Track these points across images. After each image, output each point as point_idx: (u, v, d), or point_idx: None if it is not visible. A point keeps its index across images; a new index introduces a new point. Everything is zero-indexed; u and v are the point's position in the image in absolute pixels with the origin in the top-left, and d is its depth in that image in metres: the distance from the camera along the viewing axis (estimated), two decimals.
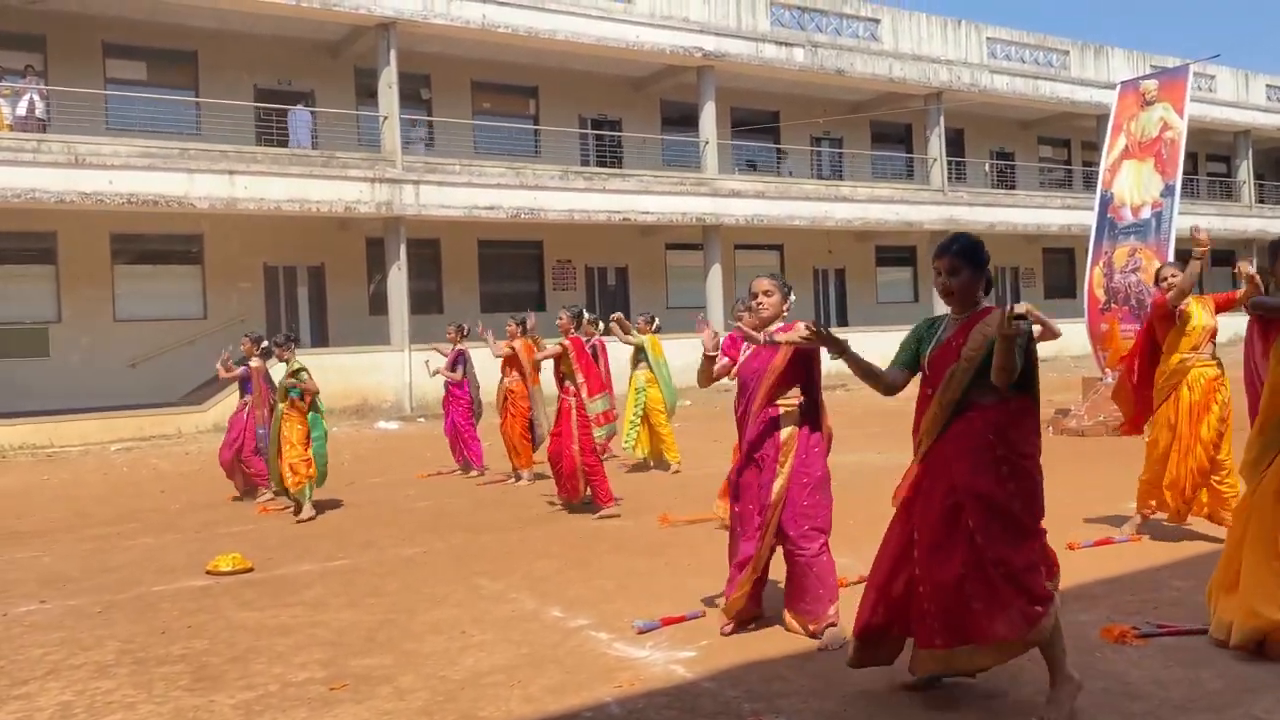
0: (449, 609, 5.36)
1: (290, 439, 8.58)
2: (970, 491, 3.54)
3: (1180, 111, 14.48)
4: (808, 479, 4.59)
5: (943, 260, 3.74)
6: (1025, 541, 3.54)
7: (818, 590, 4.57)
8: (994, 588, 3.46)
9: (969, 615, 3.48)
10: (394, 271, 19.30)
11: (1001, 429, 3.58)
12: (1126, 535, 6.39)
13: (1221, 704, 3.59)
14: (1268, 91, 34.98)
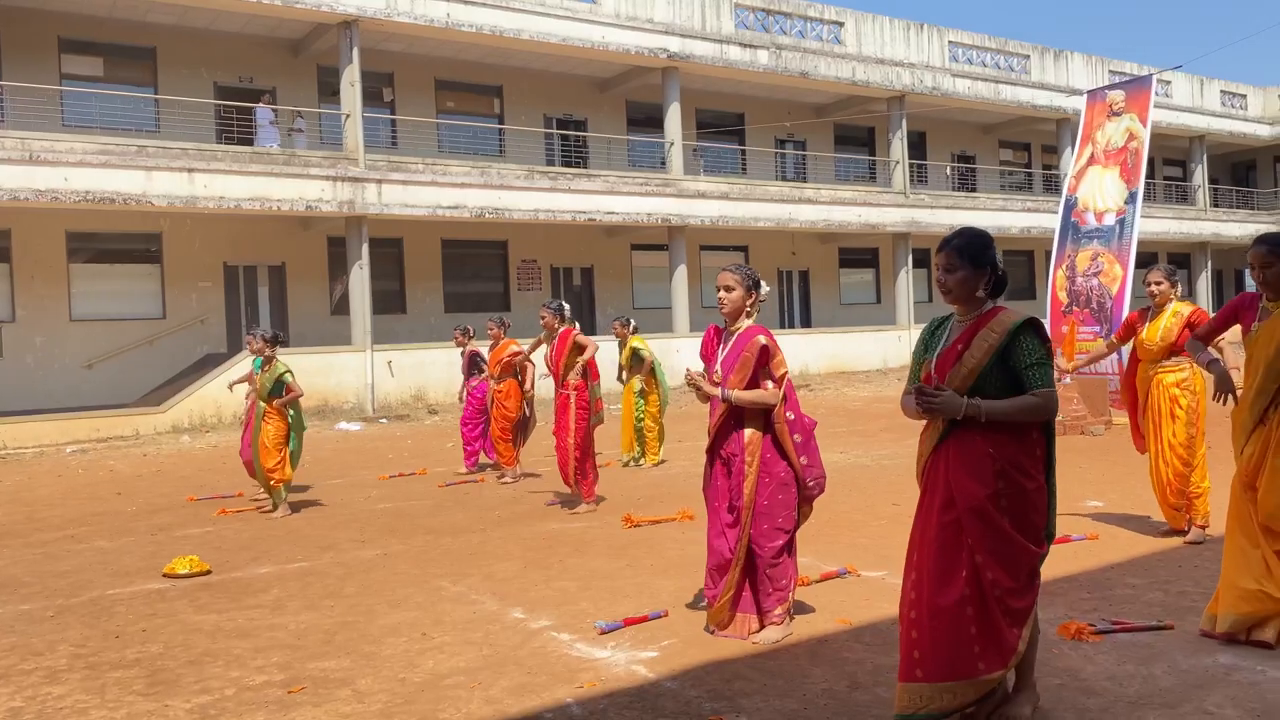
0: (409, 611, 5.32)
1: (266, 441, 8.54)
2: (968, 512, 3.36)
3: (1145, 121, 14.81)
4: (770, 478, 4.60)
5: (941, 255, 3.52)
6: (1022, 561, 3.35)
7: (768, 589, 4.57)
8: (991, 618, 3.30)
9: (961, 648, 3.28)
10: (356, 271, 19.14)
11: (1001, 444, 3.38)
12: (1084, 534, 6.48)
13: (1174, 699, 3.64)
14: (1222, 97, 35.63)
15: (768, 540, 4.56)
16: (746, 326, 4.74)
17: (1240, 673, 3.87)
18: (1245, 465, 4.22)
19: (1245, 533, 4.16)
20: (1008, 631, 3.30)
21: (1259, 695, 3.63)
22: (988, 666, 3.26)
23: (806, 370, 24.25)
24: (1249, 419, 4.23)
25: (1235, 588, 4.09)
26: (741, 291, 4.70)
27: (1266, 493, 4.12)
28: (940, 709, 3.27)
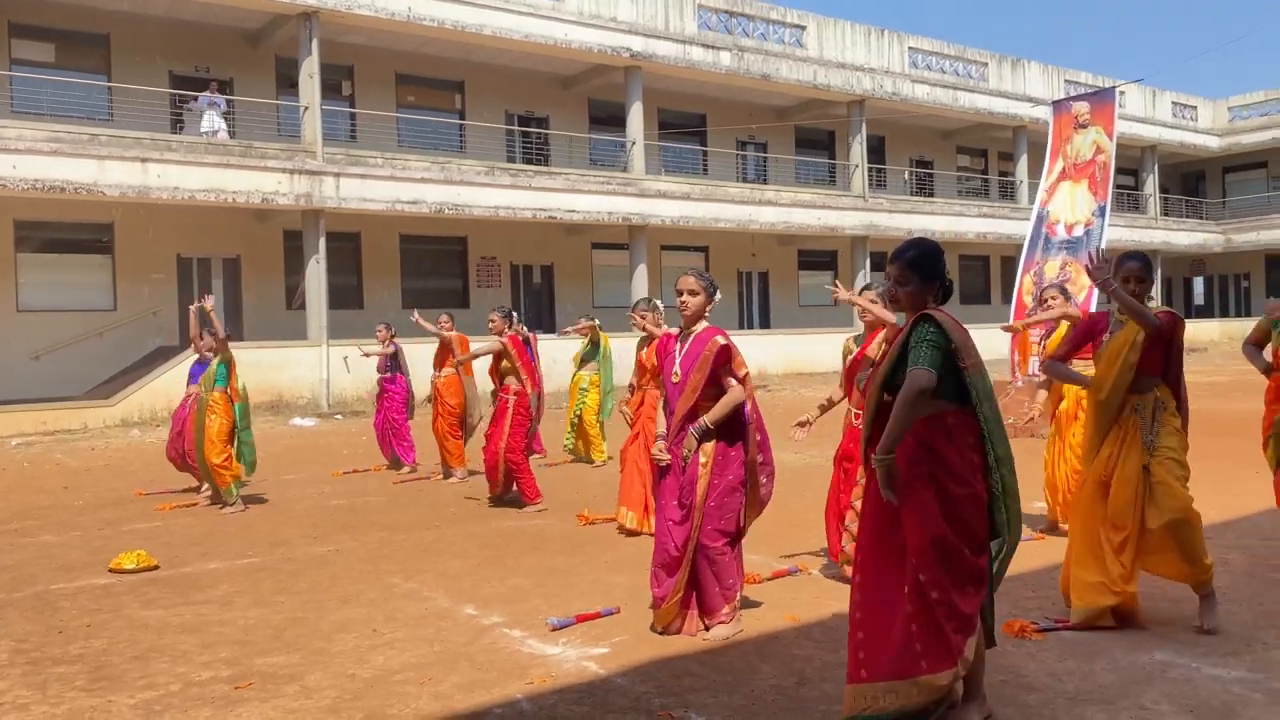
0: (360, 607, 5.29)
1: (212, 434, 8.44)
2: (908, 517, 3.39)
3: (1110, 134, 15.20)
4: (720, 481, 4.63)
5: (893, 268, 3.57)
6: (960, 566, 3.36)
7: (714, 588, 4.61)
8: (933, 621, 3.32)
9: (904, 648, 3.31)
10: (312, 265, 18.95)
11: (932, 444, 3.42)
12: (1029, 534, 6.60)
13: (1112, 695, 3.72)
14: (1174, 109, 36.35)
15: (712, 541, 4.60)
16: (704, 327, 4.82)
17: (1176, 669, 3.96)
18: (1102, 463, 4.53)
19: (1089, 529, 4.52)
20: (951, 635, 3.33)
21: (1193, 691, 3.72)
22: (930, 666, 3.29)
23: (765, 371, 24.37)
24: (1104, 420, 4.53)
25: (1081, 582, 4.48)
26: (704, 297, 4.82)
27: (1117, 487, 4.44)
28: (885, 709, 3.30)
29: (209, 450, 8.46)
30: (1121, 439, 4.47)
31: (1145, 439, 4.42)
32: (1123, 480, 4.41)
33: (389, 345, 11.02)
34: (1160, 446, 4.40)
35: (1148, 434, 4.42)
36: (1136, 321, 4.42)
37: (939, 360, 3.40)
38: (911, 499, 3.40)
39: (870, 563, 3.49)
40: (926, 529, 3.36)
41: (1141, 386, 4.46)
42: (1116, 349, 4.50)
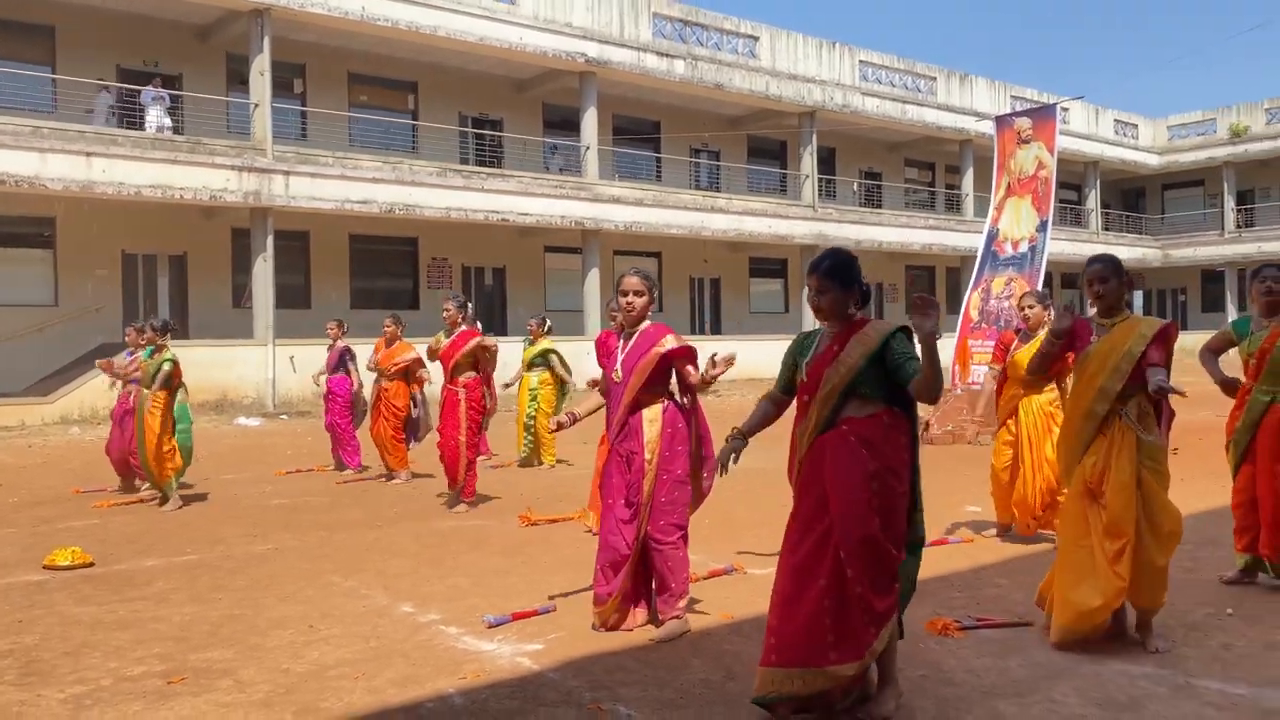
0: (297, 604, 5.30)
1: (154, 429, 8.38)
2: (840, 511, 3.52)
3: (1052, 150, 15.60)
4: (668, 475, 4.68)
5: (813, 278, 3.75)
6: (884, 564, 3.51)
7: (668, 583, 4.67)
8: (848, 616, 3.45)
9: (815, 639, 3.44)
10: (260, 263, 18.79)
11: (872, 442, 3.57)
12: (960, 538, 6.79)
13: (1024, 689, 3.87)
14: (1116, 126, 37.27)
15: (666, 535, 4.65)
16: (648, 325, 4.84)
17: (1087, 665, 4.13)
18: (1089, 474, 4.40)
19: (1081, 539, 4.35)
20: (864, 630, 3.46)
21: (1100, 686, 3.89)
22: (839, 658, 3.43)
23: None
24: (1086, 429, 4.43)
25: (1069, 603, 4.27)
26: (648, 298, 4.84)
27: (1113, 493, 4.29)
28: (790, 692, 3.46)
29: (149, 447, 8.40)
30: (1109, 446, 4.37)
31: (1143, 439, 4.34)
32: (1119, 486, 4.30)
33: (338, 343, 10.97)
34: (1145, 457, 4.35)
35: (1145, 436, 4.35)
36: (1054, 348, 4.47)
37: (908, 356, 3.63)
38: (849, 495, 3.53)
39: (794, 550, 3.63)
40: (860, 526, 3.49)
41: (1126, 393, 4.40)
42: (1104, 356, 4.43)
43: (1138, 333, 4.37)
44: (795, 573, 3.59)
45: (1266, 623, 4.67)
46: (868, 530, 3.49)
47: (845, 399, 3.66)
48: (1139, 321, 4.46)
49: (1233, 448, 5.40)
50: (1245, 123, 36.72)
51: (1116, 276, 4.47)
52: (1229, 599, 5.10)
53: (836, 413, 3.68)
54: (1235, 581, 5.36)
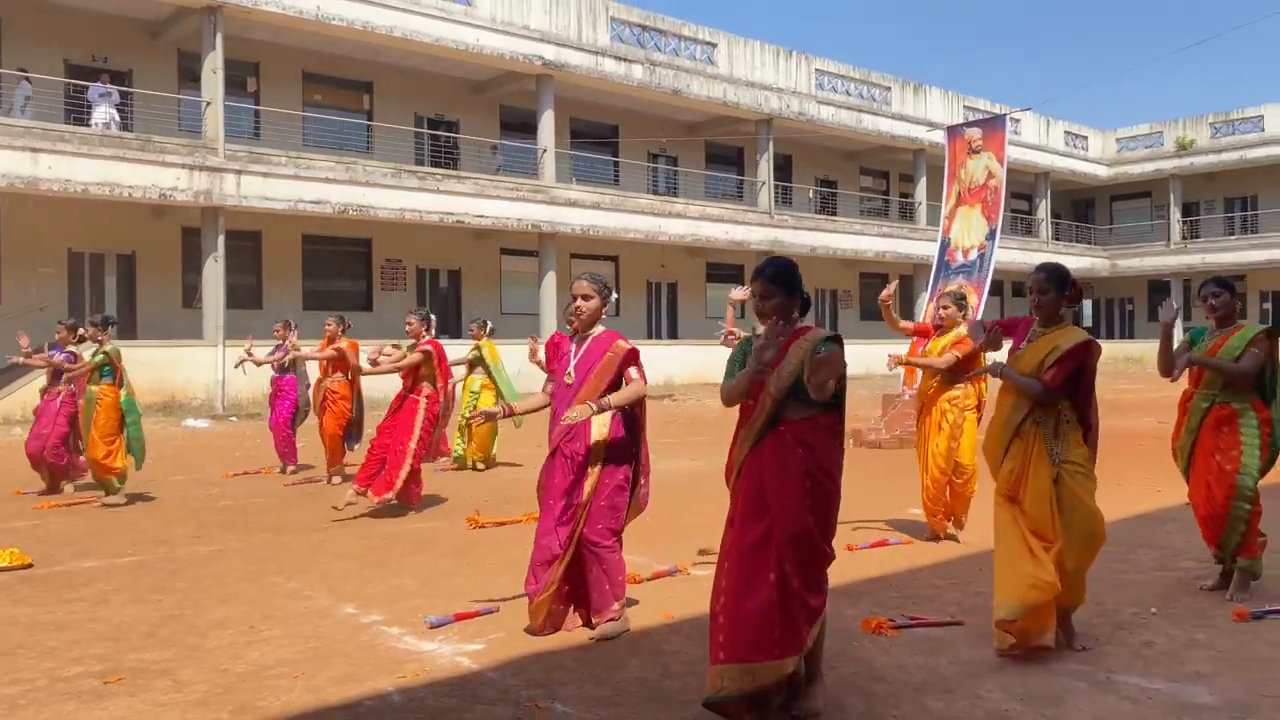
0: (239, 605, 5.29)
1: (98, 428, 8.28)
2: (781, 510, 3.62)
3: (1001, 160, 15.95)
4: (610, 480, 4.72)
5: (756, 284, 3.84)
6: (818, 561, 3.66)
7: (604, 586, 4.72)
8: (790, 613, 3.56)
9: (763, 635, 3.52)
10: (210, 263, 18.58)
11: (809, 444, 3.70)
12: (900, 539, 6.93)
13: (952, 685, 3.98)
14: (1066, 138, 37.98)
15: (602, 539, 4.69)
16: (601, 331, 4.87)
17: (1013, 662, 4.25)
18: (1006, 479, 4.51)
19: (1012, 537, 4.45)
20: (803, 626, 3.59)
21: (1024, 682, 4.01)
22: (782, 653, 3.54)
23: (671, 381, 24.69)
24: (1005, 435, 4.54)
25: (1009, 583, 4.32)
26: (598, 301, 4.84)
27: (1032, 504, 4.40)
28: (740, 689, 3.53)
29: (93, 445, 8.31)
30: (1025, 453, 4.47)
31: (1050, 451, 4.43)
32: (1036, 494, 4.41)
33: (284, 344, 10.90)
34: (1067, 460, 4.42)
35: (1052, 446, 4.44)
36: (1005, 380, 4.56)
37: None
38: (786, 493, 3.65)
39: (736, 549, 3.71)
40: (796, 523, 3.61)
41: (1045, 402, 4.47)
42: (1029, 361, 4.53)
43: (1055, 345, 4.48)
44: (741, 570, 3.67)
45: (1188, 622, 4.83)
46: (804, 527, 3.61)
47: (786, 402, 3.76)
48: (1061, 335, 4.53)
49: (1179, 454, 5.59)
50: (1191, 136, 37.59)
51: (1056, 288, 4.55)
52: (1154, 599, 5.26)
53: (777, 416, 3.77)
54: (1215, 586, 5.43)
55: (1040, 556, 4.32)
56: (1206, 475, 5.34)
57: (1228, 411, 5.29)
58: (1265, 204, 37.70)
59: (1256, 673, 4.07)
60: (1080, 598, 4.49)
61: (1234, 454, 5.23)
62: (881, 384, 22.58)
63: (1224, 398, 5.32)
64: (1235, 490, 5.21)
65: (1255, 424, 5.23)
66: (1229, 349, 5.30)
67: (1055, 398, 4.44)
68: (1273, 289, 37.06)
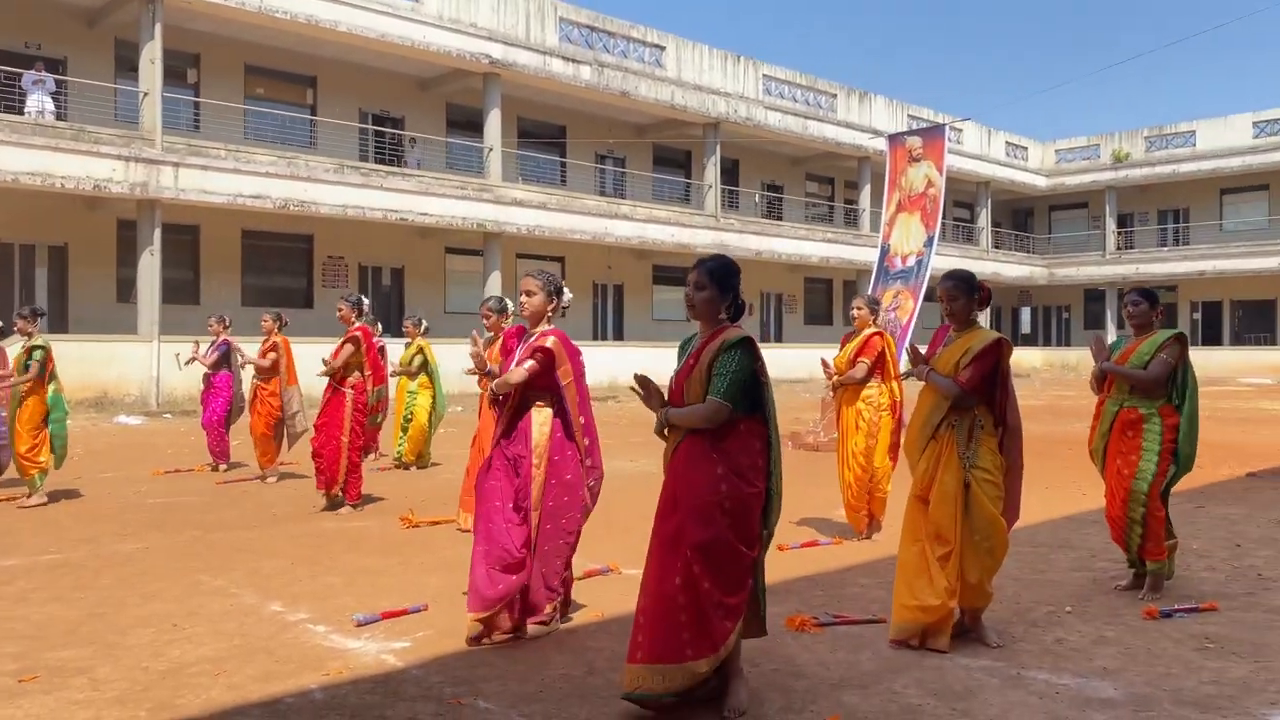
0: (163, 604, 5.22)
1: (21, 424, 8.10)
2: (689, 512, 3.66)
3: (940, 169, 16.26)
4: (557, 481, 4.69)
5: (693, 273, 3.86)
6: (734, 565, 3.64)
7: (540, 587, 4.68)
8: (702, 611, 3.58)
9: (672, 635, 3.58)
10: (146, 257, 18.23)
11: (724, 449, 3.68)
12: (830, 539, 7.04)
13: (870, 681, 4.07)
14: (1007, 148, 38.75)
15: (551, 541, 4.67)
16: (544, 330, 4.86)
17: (930, 659, 4.35)
18: (920, 479, 4.66)
19: (914, 542, 4.61)
20: (718, 624, 3.61)
21: (941, 678, 4.11)
22: (695, 654, 3.57)
23: (616, 382, 24.70)
24: (923, 437, 4.68)
25: (899, 602, 4.52)
26: (543, 297, 4.82)
27: (937, 503, 4.55)
28: (652, 689, 3.58)
29: (16, 440, 8.14)
30: (938, 455, 4.59)
31: (961, 454, 4.54)
32: (942, 496, 4.53)
33: (218, 341, 10.74)
34: (977, 465, 4.53)
35: (964, 450, 4.55)
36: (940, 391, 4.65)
37: (738, 393, 3.72)
38: (695, 497, 3.68)
39: (652, 548, 3.77)
40: (702, 529, 3.64)
41: (962, 404, 4.58)
42: (945, 365, 4.65)
43: (966, 348, 4.61)
44: (655, 571, 3.74)
45: (1100, 620, 4.98)
46: (711, 533, 3.63)
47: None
48: (973, 337, 4.67)
49: (1095, 456, 5.77)
50: (1127, 149, 38.58)
51: (965, 294, 4.71)
52: (1070, 598, 5.42)
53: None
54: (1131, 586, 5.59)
55: (935, 573, 4.46)
56: (1112, 479, 5.53)
57: (1134, 416, 5.47)
58: (1196, 217, 38.81)
59: (1160, 668, 4.22)
60: (984, 601, 4.60)
61: (1133, 459, 5.42)
62: (822, 387, 22.81)
63: (1131, 402, 5.50)
64: (1130, 494, 5.39)
65: (1158, 430, 5.40)
66: (1140, 354, 5.48)
67: (971, 399, 4.57)
68: (1202, 299, 38.15)
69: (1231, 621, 4.91)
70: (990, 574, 4.57)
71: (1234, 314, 37.81)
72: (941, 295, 4.76)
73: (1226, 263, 35.77)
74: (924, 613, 4.42)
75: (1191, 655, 4.39)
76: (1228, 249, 36.24)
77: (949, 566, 4.47)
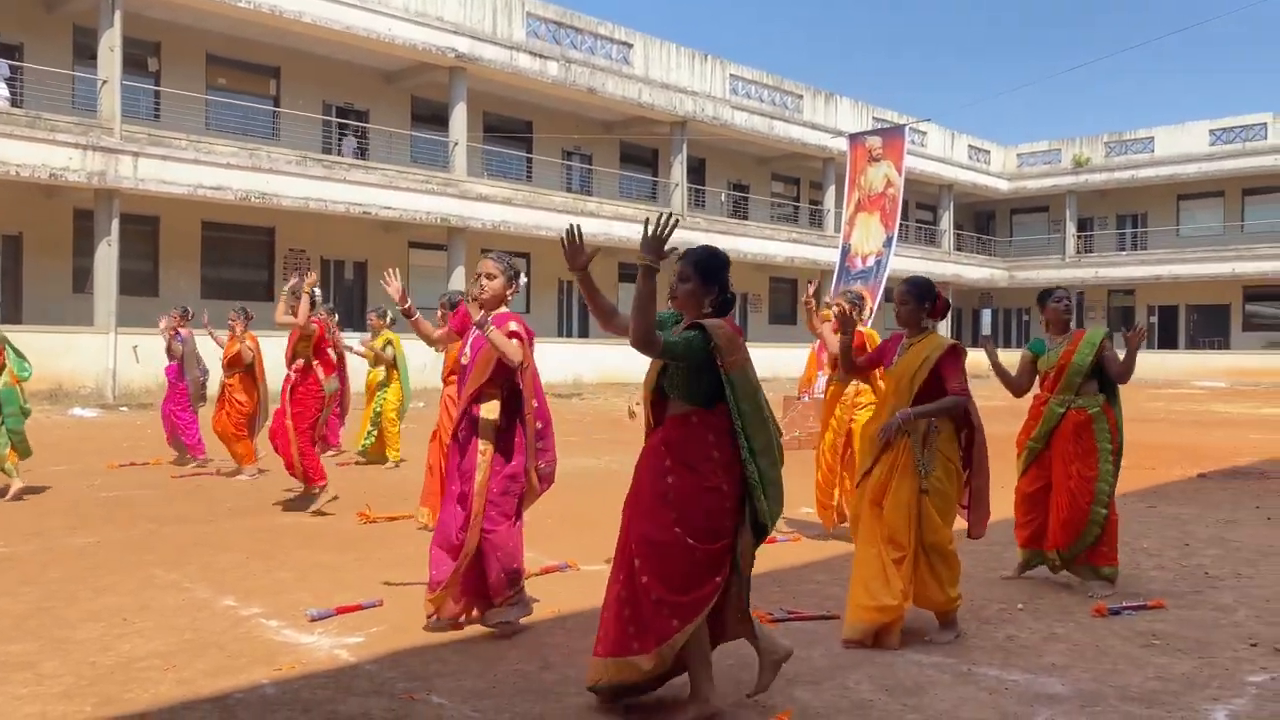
0: (114, 597, 5.15)
1: None
2: (634, 506, 3.65)
3: (899, 169, 16.43)
4: (500, 467, 4.68)
5: (678, 264, 3.74)
6: (677, 558, 3.54)
7: (498, 571, 4.63)
8: (639, 605, 3.54)
9: (621, 628, 3.56)
10: (104, 248, 17.95)
11: (674, 441, 3.63)
12: (789, 536, 7.09)
13: (822, 677, 4.10)
14: (970, 152, 39.14)
15: (496, 525, 4.64)
16: (502, 312, 4.84)
17: (883, 655, 4.39)
18: (874, 484, 4.71)
19: (869, 544, 4.66)
20: (663, 621, 3.51)
21: (892, 674, 4.15)
22: (641, 647, 3.53)
23: (580, 379, 24.71)
24: (879, 444, 4.74)
25: (854, 603, 4.56)
26: (503, 280, 4.81)
27: (891, 510, 4.61)
28: (608, 681, 3.60)
29: None
30: (893, 463, 4.64)
31: (918, 461, 4.60)
32: (897, 504, 4.58)
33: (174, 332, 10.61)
34: (933, 474, 4.58)
35: (920, 457, 4.60)
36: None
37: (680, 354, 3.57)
38: (638, 492, 3.67)
39: (618, 544, 3.76)
40: (643, 522, 3.60)
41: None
42: (901, 373, 4.70)
43: (923, 357, 4.67)
44: (613, 566, 3.73)
45: (1050, 617, 5.06)
46: (654, 524, 3.56)
47: (665, 401, 3.74)
48: (927, 344, 4.74)
49: (1025, 454, 5.84)
50: (1087, 154, 39.12)
51: (915, 300, 4.78)
52: (1021, 594, 5.49)
53: (660, 415, 3.76)
54: (1015, 577, 5.77)
55: (890, 575, 4.51)
56: (1068, 481, 5.58)
57: (1083, 417, 5.57)
58: (1154, 222, 39.45)
59: (1107, 664, 4.29)
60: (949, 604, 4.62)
61: (1092, 460, 5.51)
62: (787, 386, 22.88)
63: (1080, 403, 5.59)
64: (1095, 496, 5.48)
65: (1107, 429, 5.52)
66: (1081, 355, 5.58)
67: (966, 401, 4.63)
68: (1159, 303, 38.78)
69: (1178, 619, 5.01)
70: (950, 582, 4.61)
71: (1189, 318, 38.47)
72: (895, 298, 4.86)
73: (1183, 268, 36.39)
74: (880, 613, 4.46)
75: (1138, 652, 4.47)
76: (1184, 254, 36.86)
77: (903, 569, 4.53)
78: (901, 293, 4.82)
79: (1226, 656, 4.42)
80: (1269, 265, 34.22)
